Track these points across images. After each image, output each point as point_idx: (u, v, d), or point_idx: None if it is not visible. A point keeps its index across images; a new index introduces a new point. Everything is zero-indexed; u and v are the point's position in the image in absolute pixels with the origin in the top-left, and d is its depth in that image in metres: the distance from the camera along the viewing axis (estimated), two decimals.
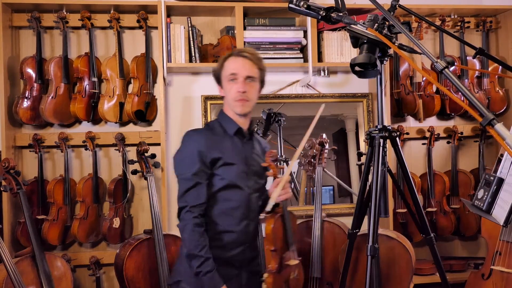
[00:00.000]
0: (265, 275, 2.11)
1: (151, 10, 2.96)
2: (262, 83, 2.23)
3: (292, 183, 3.21)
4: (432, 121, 3.38)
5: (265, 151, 2.31)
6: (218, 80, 2.21)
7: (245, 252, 2.16)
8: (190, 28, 2.97)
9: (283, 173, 2.26)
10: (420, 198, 3.15)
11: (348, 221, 2.42)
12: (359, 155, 2.99)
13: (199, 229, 2.03)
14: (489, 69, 3.38)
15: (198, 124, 3.07)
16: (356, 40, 1.70)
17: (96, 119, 2.99)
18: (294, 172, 3.20)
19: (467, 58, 3.34)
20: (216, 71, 2.21)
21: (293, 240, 2.22)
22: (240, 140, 2.19)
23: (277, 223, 2.15)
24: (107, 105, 2.93)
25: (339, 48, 3.10)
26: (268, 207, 2.05)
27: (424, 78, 3.24)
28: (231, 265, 2.14)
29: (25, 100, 2.88)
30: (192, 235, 2.03)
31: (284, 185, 2.12)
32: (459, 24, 3.33)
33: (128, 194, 2.95)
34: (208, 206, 2.12)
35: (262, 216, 2.06)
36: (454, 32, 3.35)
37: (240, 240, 2.14)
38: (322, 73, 3.20)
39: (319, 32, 3.12)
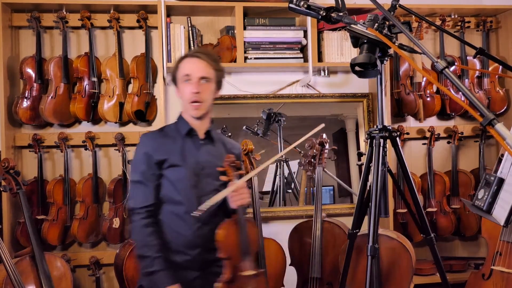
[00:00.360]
0: (217, 284, 2.08)
1: (151, 10, 2.96)
2: (218, 84, 2.23)
3: (293, 184, 3.21)
4: (432, 121, 3.38)
5: (233, 153, 2.31)
6: (175, 81, 2.21)
7: (201, 255, 2.14)
8: (190, 28, 2.97)
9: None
10: (420, 198, 3.14)
11: (348, 221, 2.41)
12: (359, 155, 2.99)
13: (147, 229, 2.04)
14: (490, 69, 3.38)
15: None
16: (356, 40, 1.69)
17: (96, 119, 2.99)
18: (294, 172, 3.20)
19: (468, 58, 3.33)
20: (172, 72, 2.21)
21: (251, 250, 2.16)
22: (194, 142, 2.18)
23: (231, 230, 2.10)
24: (107, 105, 2.93)
25: (339, 48, 3.10)
26: (202, 206, 2.00)
27: (424, 78, 3.23)
28: (189, 268, 2.13)
29: (25, 100, 2.87)
30: (140, 236, 2.05)
31: (238, 190, 2.09)
32: (459, 24, 3.33)
33: (128, 194, 2.95)
34: (159, 209, 2.13)
35: (195, 213, 2.00)
36: (454, 32, 3.35)
37: (195, 243, 2.12)
38: (322, 73, 3.19)
39: (319, 32, 3.12)
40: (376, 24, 1.64)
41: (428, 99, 3.27)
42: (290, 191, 3.22)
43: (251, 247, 2.16)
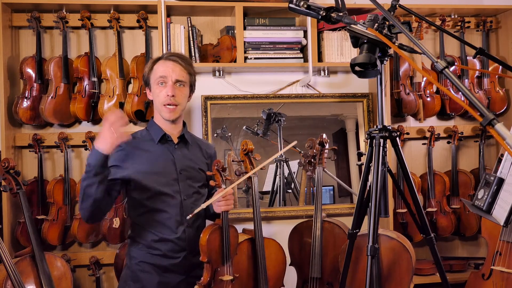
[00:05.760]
0: (196, 287, 2.11)
1: (151, 10, 2.96)
2: (191, 88, 2.25)
3: (293, 184, 3.21)
4: (432, 121, 3.38)
5: (209, 154, 2.32)
6: (147, 83, 2.21)
7: (187, 259, 2.16)
8: (190, 28, 2.97)
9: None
10: (420, 198, 3.15)
11: (348, 221, 2.41)
12: (359, 155, 2.98)
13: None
14: (489, 69, 3.38)
15: (198, 124, 3.07)
16: (356, 40, 1.69)
17: (96, 119, 2.99)
18: (294, 172, 3.20)
19: (467, 58, 3.33)
20: (146, 74, 2.21)
21: (232, 255, 2.19)
22: (168, 147, 2.19)
23: (214, 235, 2.13)
24: (107, 105, 2.93)
25: (339, 48, 3.10)
26: (196, 210, 2.05)
27: (424, 78, 3.23)
28: (175, 272, 2.14)
29: (25, 100, 2.87)
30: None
31: (225, 196, 2.11)
32: (459, 24, 3.33)
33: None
34: (140, 216, 2.12)
35: (188, 217, 2.05)
36: (454, 32, 3.35)
37: (180, 247, 2.14)
38: (322, 73, 3.19)
39: (319, 32, 3.12)
40: (376, 24, 1.64)
41: (428, 99, 3.27)
42: (290, 191, 3.22)
43: (232, 252, 2.18)
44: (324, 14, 1.68)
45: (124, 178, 2.11)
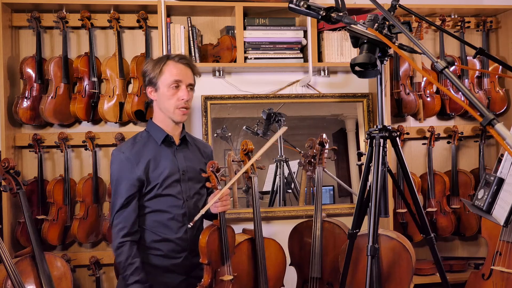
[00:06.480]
0: None
1: (151, 10, 2.96)
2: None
3: (293, 184, 3.21)
4: (432, 121, 3.38)
5: (207, 153, 2.32)
6: (153, 83, 2.17)
7: (188, 259, 2.16)
8: (190, 28, 2.97)
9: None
10: (420, 198, 3.15)
11: (348, 221, 2.41)
12: (359, 155, 2.97)
13: (134, 246, 2.07)
14: (489, 69, 3.38)
15: (198, 124, 3.07)
16: (356, 40, 1.70)
17: (96, 119, 2.99)
18: (294, 172, 3.20)
19: (467, 58, 3.33)
20: (151, 73, 2.16)
21: (231, 255, 2.21)
22: (170, 148, 2.19)
23: (213, 236, 2.13)
24: (107, 105, 2.93)
25: (339, 48, 3.10)
26: (196, 217, 2.06)
27: (424, 78, 3.23)
28: (176, 272, 2.15)
29: (25, 100, 2.87)
30: (127, 252, 2.05)
31: (222, 197, 2.11)
32: (459, 24, 3.33)
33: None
34: (142, 217, 2.13)
35: (189, 225, 2.06)
36: (454, 32, 3.35)
37: (181, 247, 2.15)
38: (322, 73, 3.19)
39: (319, 32, 3.12)
40: (376, 24, 1.64)
41: (428, 99, 3.27)
42: (290, 191, 3.22)
43: (230, 252, 2.19)
44: (324, 14, 1.68)
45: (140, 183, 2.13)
